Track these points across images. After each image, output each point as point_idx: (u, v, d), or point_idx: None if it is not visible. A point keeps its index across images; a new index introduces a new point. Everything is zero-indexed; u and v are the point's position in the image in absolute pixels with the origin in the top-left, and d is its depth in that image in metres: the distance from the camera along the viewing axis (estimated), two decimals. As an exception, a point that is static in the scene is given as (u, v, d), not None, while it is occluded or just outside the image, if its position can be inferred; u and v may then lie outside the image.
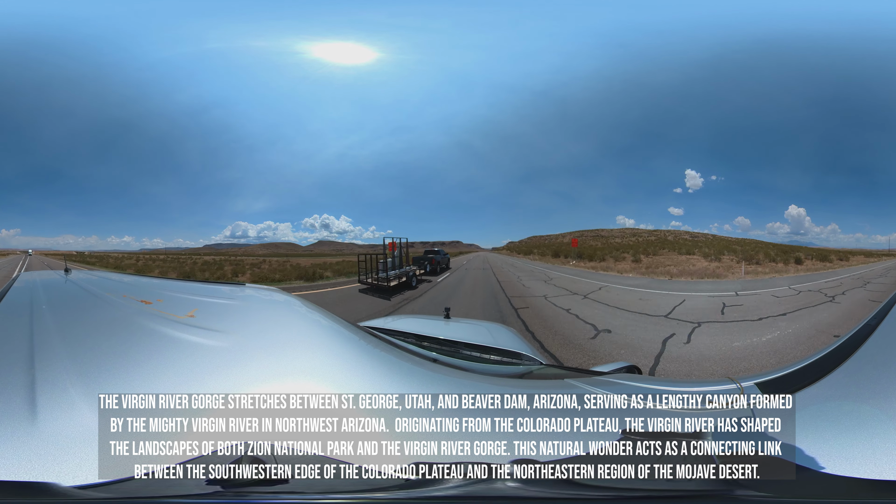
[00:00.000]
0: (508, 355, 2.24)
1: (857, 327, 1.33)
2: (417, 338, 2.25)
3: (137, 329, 1.43)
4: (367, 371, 1.19)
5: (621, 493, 0.92)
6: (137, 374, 1.03)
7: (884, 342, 1.24)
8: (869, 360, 1.15)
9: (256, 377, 1.06)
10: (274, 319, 1.82)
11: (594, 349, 7.84)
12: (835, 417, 0.97)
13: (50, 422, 0.87)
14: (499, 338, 2.61)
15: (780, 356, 7.40)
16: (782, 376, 1.17)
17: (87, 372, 1.03)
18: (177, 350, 1.22)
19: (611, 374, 1.64)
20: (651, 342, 8.44)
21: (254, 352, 1.25)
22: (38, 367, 1.03)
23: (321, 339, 1.46)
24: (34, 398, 0.91)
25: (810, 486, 0.88)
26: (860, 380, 1.07)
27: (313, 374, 1.09)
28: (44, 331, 1.32)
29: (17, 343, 1.21)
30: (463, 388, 1.22)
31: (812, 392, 1.06)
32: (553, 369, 2.21)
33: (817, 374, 1.11)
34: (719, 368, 7.02)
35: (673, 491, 0.93)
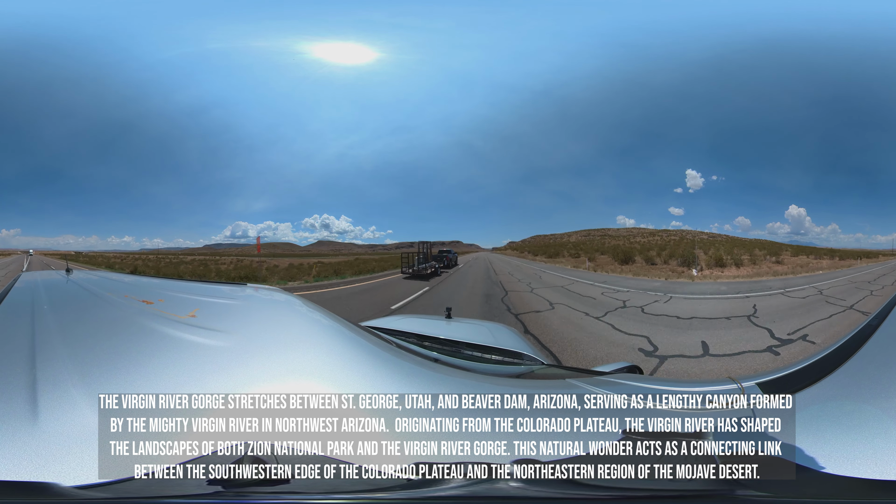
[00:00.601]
0: (510, 355, 2.24)
1: (858, 327, 1.33)
2: (419, 338, 2.26)
3: (139, 329, 1.43)
4: (367, 371, 1.19)
5: (623, 493, 0.93)
6: (139, 375, 1.03)
7: (885, 342, 1.24)
8: (870, 361, 1.14)
9: (257, 377, 1.06)
10: (275, 319, 1.82)
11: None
12: (836, 417, 0.97)
13: (51, 422, 0.87)
14: (500, 338, 2.61)
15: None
16: (783, 376, 1.17)
17: (89, 372, 1.03)
18: (178, 350, 1.22)
19: (612, 373, 1.64)
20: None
21: (255, 351, 1.25)
22: (39, 367, 1.03)
23: (322, 339, 1.46)
24: (35, 398, 0.91)
25: (811, 486, 0.88)
26: (861, 380, 1.07)
27: (314, 374, 1.09)
28: (45, 331, 1.33)
29: (18, 343, 1.21)
30: (463, 388, 1.22)
31: (813, 392, 1.06)
32: (554, 369, 2.21)
33: (818, 374, 1.11)
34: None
35: (674, 491, 0.93)
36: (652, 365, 7.24)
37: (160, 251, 18.68)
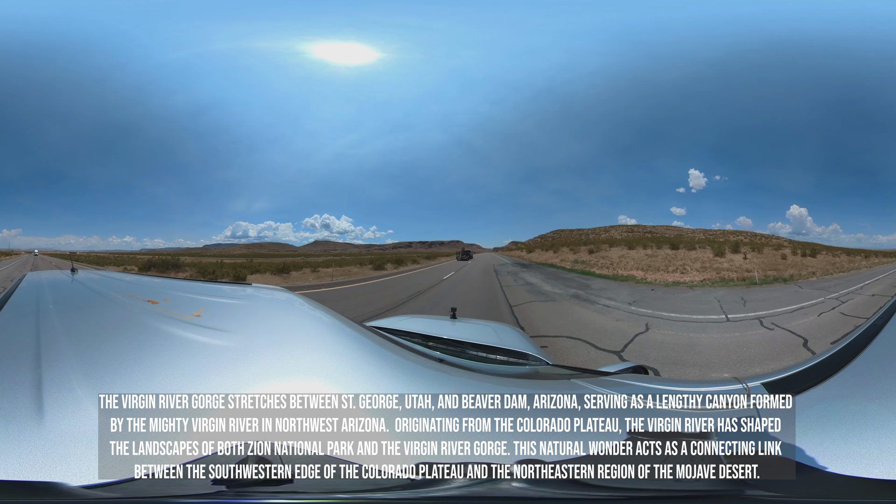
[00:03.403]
0: (514, 355, 2.24)
1: (863, 327, 1.33)
2: (424, 338, 2.26)
3: (144, 329, 1.43)
4: (368, 371, 1.19)
5: (630, 493, 0.92)
6: (144, 375, 1.03)
7: (890, 342, 1.23)
8: (876, 360, 1.14)
9: (261, 376, 1.07)
10: (279, 318, 1.83)
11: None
12: (841, 417, 0.97)
13: (56, 422, 0.87)
14: (505, 338, 2.61)
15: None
16: (789, 376, 1.17)
17: (94, 372, 1.04)
18: (184, 350, 1.23)
19: (617, 374, 1.64)
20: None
21: (259, 351, 1.25)
22: (44, 367, 1.03)
23: (324, 339, 1.46)
24: (41, 398, 0.92)
25: (817, 486, 0.88)
26: (867, 380, 1.07)
27: (316, 374, 1.09)
28: (50, 331, 1.33)
29: (23, 343, 1.22)
30: (465, 388, 1.22)
31: (818, 392, 1.05)
32: (559, 369, 2.20)
33: (823, 374, 1.11)
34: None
35: (683, 491, 0.92)
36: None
37: (161, 251, 18.75)
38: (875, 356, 1.16)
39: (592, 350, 8.07)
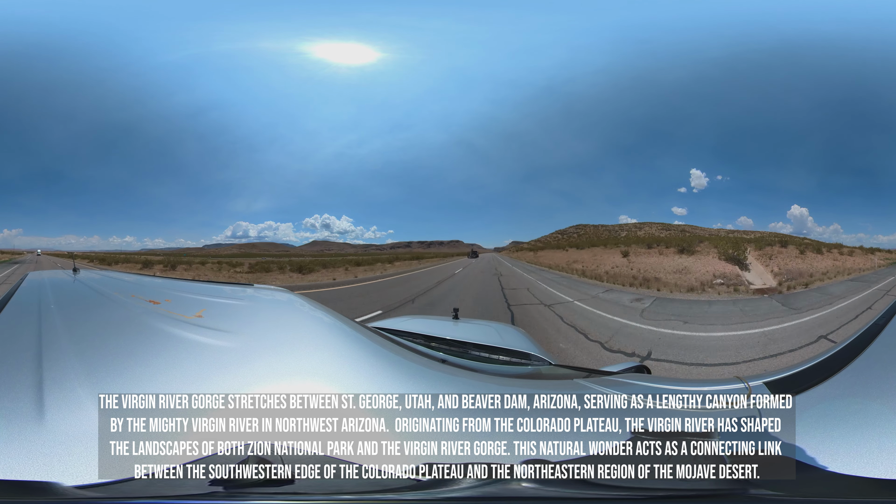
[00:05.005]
0: (517, 356, 2.24)
1: (865, 327, 1.33)
2: (426, 338, 2.26)
3: (145, 329, 1.44)
4: (368, 371, 1.19)
5: (634, 492, 0.92)
6: (146, 375, 1.03)
7: (891, 342, 1.23)
8: (877, 359, 1.14)
9: (262, 376, 1.07)
10: (280, 319, 1.83)
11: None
12: (842, 417, 0.97)
13: (57, 421, 0.87)
14: (507, 338, 2.61)
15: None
16: (791, 376, 1.17)
17: (95, 372, 1.04)
18: (185, 351, 1.23)
19: (619, 373, 1.63)
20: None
21: (260, 352, 1.25)
22: (45, 367, 1.04)
23: (325, 339, 1.46)
24: (42, 397, 0.92)
25: (818, 485, 0.88)
26: (868, 379, 1.07)
27: (316, 374, 1.09)
28: (52, 330, 1.33)
29: (25, 342, 1.22)
30: (466, 388, 1.22)
31: (820, 391, 1.05)
32: (561, 369, 2.20)
33: (826, 373, 1.11)
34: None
35: (687, 490, 0.92)
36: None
37: (162, 251, 18.76)
38: (876, 356, 1.16)
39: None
